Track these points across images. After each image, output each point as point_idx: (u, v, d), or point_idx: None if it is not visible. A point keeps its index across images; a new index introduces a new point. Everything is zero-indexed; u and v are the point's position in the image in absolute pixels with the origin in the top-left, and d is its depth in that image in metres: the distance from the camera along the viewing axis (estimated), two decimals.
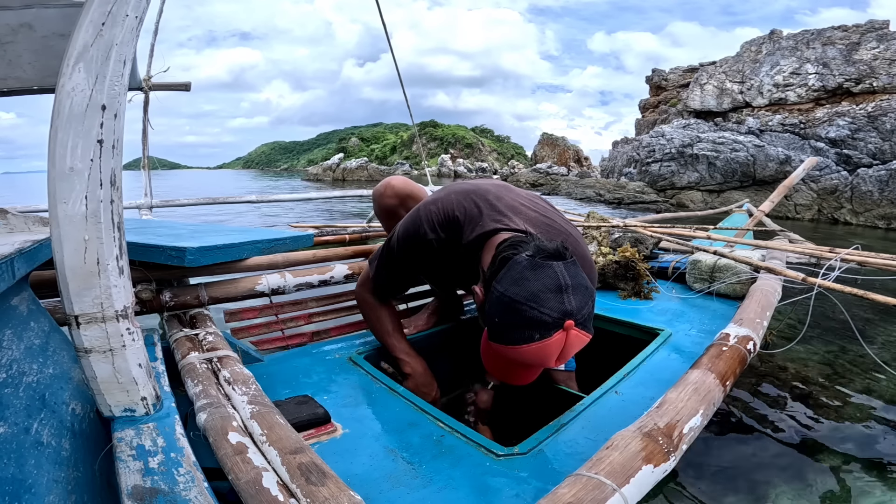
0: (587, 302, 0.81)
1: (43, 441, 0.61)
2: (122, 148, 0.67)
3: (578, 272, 0.83)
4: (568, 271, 0.81)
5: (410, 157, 65.57)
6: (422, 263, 1.16)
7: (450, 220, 1.06)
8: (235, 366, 0.93)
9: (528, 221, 1.03)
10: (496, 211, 1.04)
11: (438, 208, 1.08)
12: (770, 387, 1.85)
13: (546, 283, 0.79)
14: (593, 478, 0.61)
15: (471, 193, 1.08)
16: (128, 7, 0.64)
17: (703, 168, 12.15)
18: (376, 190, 1.46)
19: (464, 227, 1.05)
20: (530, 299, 0.78)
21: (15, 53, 1.88)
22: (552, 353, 0.81)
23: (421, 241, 1.09)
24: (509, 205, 1.06)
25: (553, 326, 0.78)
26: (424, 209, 1.10)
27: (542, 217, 1.07)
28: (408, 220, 1.14)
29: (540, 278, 0.80)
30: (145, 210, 2.93)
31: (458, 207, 1.06)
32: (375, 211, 1.51)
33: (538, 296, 0.78)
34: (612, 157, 18.74)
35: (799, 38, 12.86)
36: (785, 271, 1.52)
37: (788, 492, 1.26)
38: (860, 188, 9.72)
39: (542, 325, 0.78)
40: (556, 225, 1.07)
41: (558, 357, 0.82)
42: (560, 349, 0.80)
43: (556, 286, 0.79)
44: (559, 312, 0.78)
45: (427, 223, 1.08)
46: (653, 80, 20.58)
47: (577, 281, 0.81)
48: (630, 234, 2.12)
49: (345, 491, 0.58)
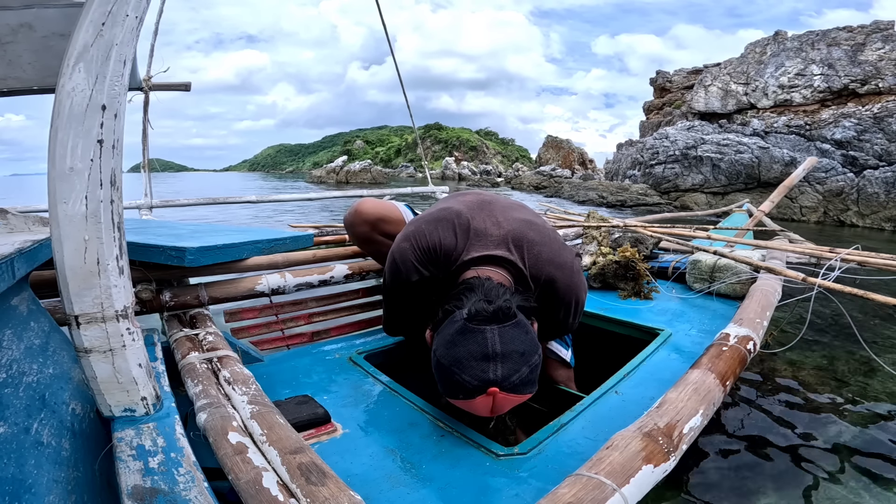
0: (519, 368, 0.80)
1: (43, 441, 0.61)
2: (123, 148, 0.67)
3: (517, 335, 0.82)
4: (502, 337, 0.81)
5: (415, 159, 65.69)
6: (419, 300, 1.13)
7: (427, 254, 1.05)
8: (235, 366, 0.93)
9: (500, 242, 1.03)
10: (469, 236, 1.04)
11: (412, 245, 1.06)
12: (770, 387, 1.85)
13: (471, 351, 0.80)
14: (593, 478, 0.61)
15: (442, 221, 1.07)
16: (128, 7, 0.64)
17: (708, 170, 12.11)
18: (346, 219, 1.43)
19: (441, 258, 1.05)
20: (454, 364, 0.81)
21: (15, 53, 1.88)
22: (480, 411, 0.83)
23: (407, 285, 1.08)
24: (480, 227, 1.05)
25: (475, 391, 0.79)
26: (398, 251, 1.08)
27: (514, 233, 1.05)
28: (388, 265, 1.12)
29: (467, 344, 0.81)
30: (145, 210, 2.93)
31: (431, 239, 1.05)
32: (350, 239, 1.48)
33: (461, 362, 0.80)
34: (617, 159, 18.70)
35: (804, 40, 12.80)
36: (785, 271, 1.51)
37: (788, 492, 1.25)
38: (866, 190, 9.65)
39: (464, 389, 0.80)
40: (527, 238, 1.05)
41: (492, 411, 0.83)
42: (488, 408, 0.82)
43: (482, 355, 0.79)
44: (480, 381, 0.79)
45: (405, 266, 1.06)
46: (657, 82, 20.53)
47: (510, 347, 0.81)
48: (630, 234, 2.11)
49: (345, 491, 0.58)
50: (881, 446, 1.46)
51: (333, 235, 2.08)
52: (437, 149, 68.56)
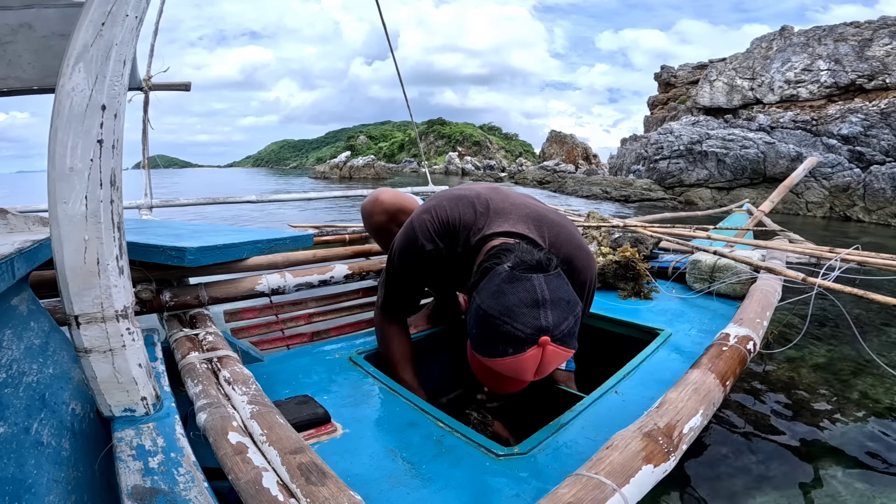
0: (567, 317, 0.79)
1: (43, 441, 0.61)
2: (122, 148, 0.67)
3: (561, 285, 0.81)
4: (549, 284, 0.80)
5: (418, 154, 65.58)
6: (424, 275, 1.14)
7: (445, 227, 1.05)
8: (235, 366, 0.93)
9: (520, 220, 1.02)
10: (489, 213, 1.03)
11: (432, 217, 1.06)
12: (770, 386, 1.84)
13: (522, 298, 0.78)
14: (593, 478, 0.61)
15: (462, 198, 1.07)
16: (128, 7, 0.64)
17: (713, 165, 12.06)
18: (364, 207, 1.42)
19: (459, 233, 1.04)
20: (504, 314, 0.77)
21: (15, 53, 1.88)
22: (528, 368, 0.79)
23: (419, 253, 1.07)
24: (500, 206, 1.05)
25: (527, 342, 0.77)
26: (418, 220, 1.08)
27: (534, 213, 1.05)
28: (403, 234, 1.12)
29: (516, 292, 0.78)
30: (145, 210, 2.94)
31: (451, 213, 1.05)
32: (366, 228, 1.47)
33: (512, 310, 0.77)
34: (621, 154, 18.64)
35: (810, 35, 12.70)
36: (785, 271, 1.51)
37: (789, 491, 1.25)
38: (873, 186, 9.60)
39: (516, 340, 0.77)
40: (548, 219, 1.05)
41: (537, 371, 0.80)
42: (536, 364, 0.79)
43: (533, 301, 0.77)
44: (533, 329, 0.76)
45: (423, 234, 1.06)
46: (662, 76, 20.42)
47: (558, 295, 0.79)
48: (630, 234, 2.11)
49: (345, 491, 0.58)
50: (881, 446, 1.45)
51: (333, 235, 2.08)
52: (441, 144, 68.39)
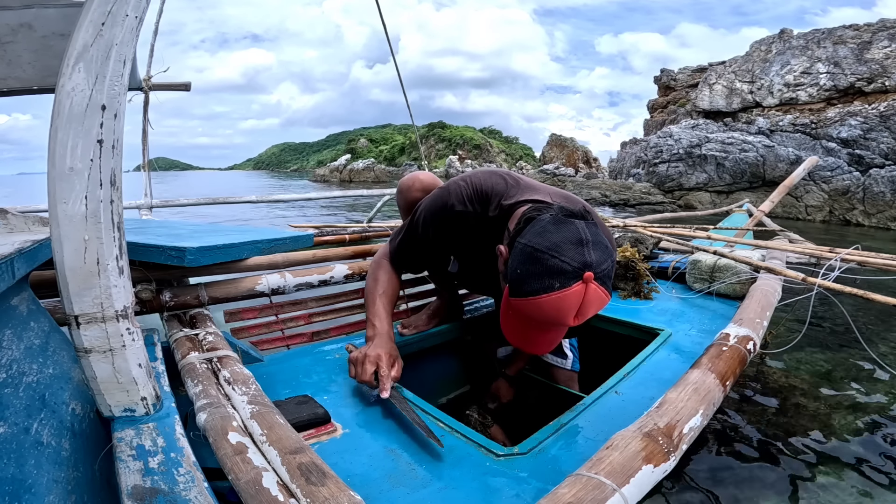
0: (606, 259, 0.83)
1: (43, 441, 0.61)
2: (122, 148, 0.67)
3: (599, 232, 0.86)
4: (589, 229, 0.84)
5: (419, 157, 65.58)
6: (446, 236, 1.19)
7: (479, 193, 1.11)
8: (235, 366, 0.93)
9: (549, 194, 1.08)
10: (520, 186, 1.10)
11: (468, 183, 1.13)
12: (770, 386, 1.84)
13: (567, 236, 0.82)
14: (593, 478, 0.61)
15: (496, 172, 1.15)
16: (128, 7, 0.64)
17: (712, 169, 12.07)
18: (403, 183, 1.49)
19: (491, 200, 1.10)
20: (552, 248, 0.81)
21: (15, 53, 1.89)
22: (571, 306, 0.81)
23: (448, 213, 1.13)
24: (529, 183, 1.12)
25: (573, 276, 0.79)
26: (454, 184, 1.15)
27: (562, 193, 1.12)
28: (434, 195, 1.19)
29: (562, 231, 0.83)
30: (145, 210, 2.94)
31: (485, 182, 1.12)
32: (399, 203, 1.51)
33: (559, 245, 0.81)
34: (621, 157, 18.66)
35: (810, 38, 12.74)
36: (785, 271, 1.51)
37: (788, 491, 1.25)
38: (872, 189, 9.61)
39: (563, 273, 0.79)
40: (574, 199, 1.10)
41: (577, 314, 0.82)
42: (579, 302, 0.81)
43: (577, 239, 0.82)
44: (579, 262, 0.79)
45: (456, 196, 1.13)
46: (661, 80, 20.47)
47: (598, 238, 0.84)
48: (630, 234, 2.11)
49: (345, 491, 0.58)
50: (881, 446, 1.45)
51: (333, 235, 2.08)
52: (441, 147, 68.44)
